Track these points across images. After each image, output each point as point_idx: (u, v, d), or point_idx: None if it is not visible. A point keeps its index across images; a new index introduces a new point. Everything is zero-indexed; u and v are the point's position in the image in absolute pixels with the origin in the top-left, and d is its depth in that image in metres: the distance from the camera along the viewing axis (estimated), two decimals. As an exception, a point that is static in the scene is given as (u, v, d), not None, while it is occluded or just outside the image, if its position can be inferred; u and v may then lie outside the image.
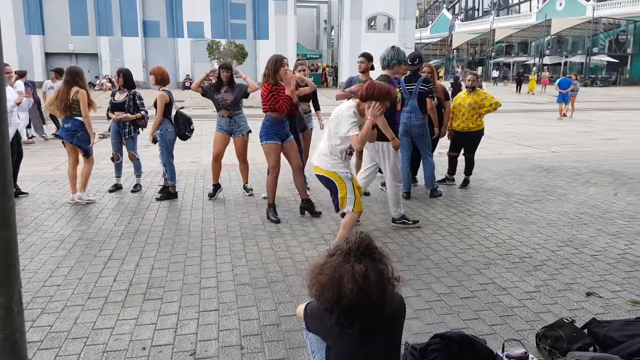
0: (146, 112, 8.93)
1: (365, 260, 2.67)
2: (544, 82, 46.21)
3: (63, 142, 8.40)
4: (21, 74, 15.56)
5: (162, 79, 8.47)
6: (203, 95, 8.57)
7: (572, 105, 23.80)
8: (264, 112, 7.29)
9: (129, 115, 8.75)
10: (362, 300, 2.62)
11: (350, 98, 5.82)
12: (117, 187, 9.11)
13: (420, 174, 9.43)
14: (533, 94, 42.18)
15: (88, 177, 8.35)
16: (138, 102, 8.83)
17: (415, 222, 7.17)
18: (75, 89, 8.03)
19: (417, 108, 8.36)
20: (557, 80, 24.12)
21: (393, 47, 7.23)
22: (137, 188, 9.07)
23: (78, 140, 8.17)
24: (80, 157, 8.35)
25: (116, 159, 9.07)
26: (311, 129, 8.79)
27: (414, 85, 8.32)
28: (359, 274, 2.61)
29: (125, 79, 8.90)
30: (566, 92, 22.77)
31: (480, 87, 9.76)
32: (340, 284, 2.62)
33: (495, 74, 63.02)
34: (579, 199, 8.61)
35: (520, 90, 43.43)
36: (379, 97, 5.36)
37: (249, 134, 8.66)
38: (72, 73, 8.15)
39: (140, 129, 9.06)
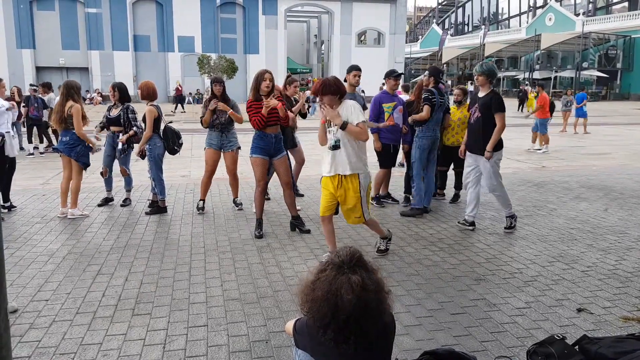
0: (139, 128, 8.84)
1: (360, 271, 2.64)
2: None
3: (60, 155, 8.37)
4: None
5: (148, 94, 8.46)
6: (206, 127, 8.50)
7: (565, 121, 23.92)
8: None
9: (122, 137, 8.70)
10: (360, 311, 2.58)
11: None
12: (107, 201, 9.06)
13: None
14: (529, 111, 41.66)
15: (77, 192, 8.28)
16: (130, 115, 8.77)
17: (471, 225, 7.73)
18: (70, 103, 8.03)
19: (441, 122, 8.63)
20: (575, 95, 24.39)
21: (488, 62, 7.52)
22: (126, 202, 9.03)
23: (77, 154, 8.16)
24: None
25: (105, 173, 8.99)
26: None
27: (442, 99, 8.34)
28: (357, 284, 2.58)
29: (121, 93, 8.86)
30: (579, 106, 23.08)
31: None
32: (337, 296, 2.58)
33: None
34: (569, 214, 8.62)
35: (522, 109, 40.80)
36: (321, 91, 5.67)
37: (239, 150, 8.67)
38: (68, 87, 8.20)
39: (134, 145, 9.03)
